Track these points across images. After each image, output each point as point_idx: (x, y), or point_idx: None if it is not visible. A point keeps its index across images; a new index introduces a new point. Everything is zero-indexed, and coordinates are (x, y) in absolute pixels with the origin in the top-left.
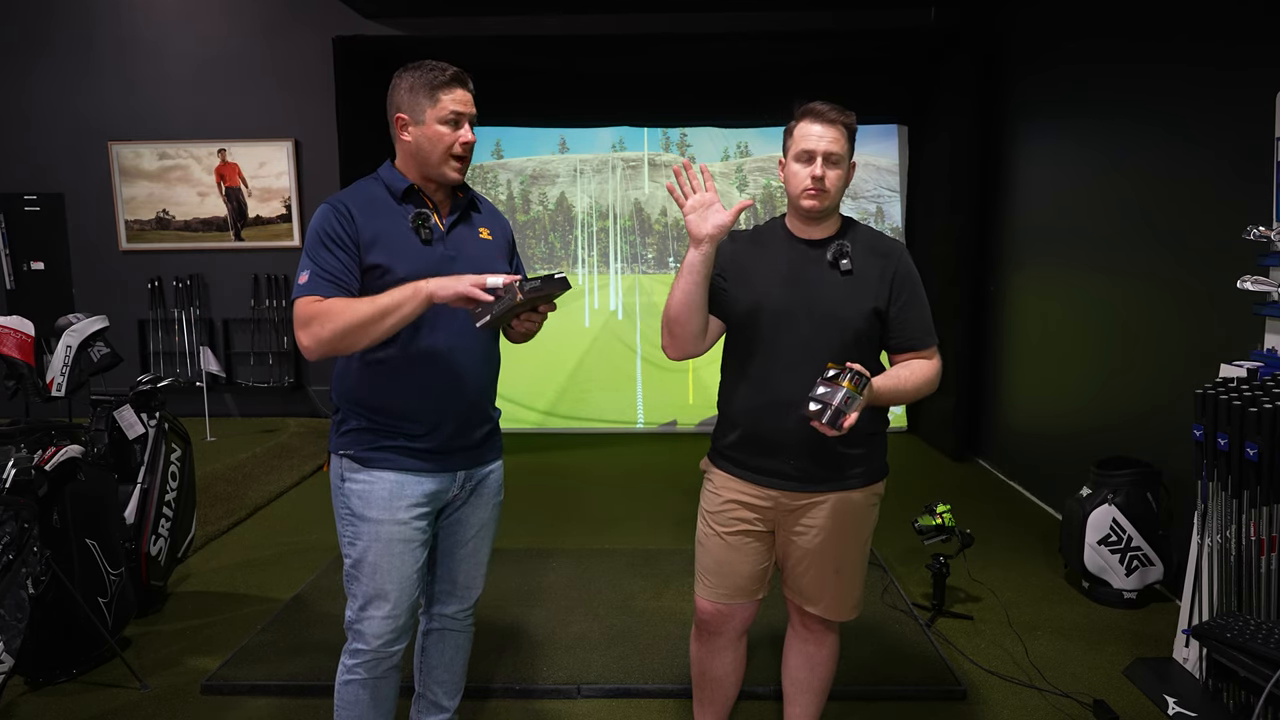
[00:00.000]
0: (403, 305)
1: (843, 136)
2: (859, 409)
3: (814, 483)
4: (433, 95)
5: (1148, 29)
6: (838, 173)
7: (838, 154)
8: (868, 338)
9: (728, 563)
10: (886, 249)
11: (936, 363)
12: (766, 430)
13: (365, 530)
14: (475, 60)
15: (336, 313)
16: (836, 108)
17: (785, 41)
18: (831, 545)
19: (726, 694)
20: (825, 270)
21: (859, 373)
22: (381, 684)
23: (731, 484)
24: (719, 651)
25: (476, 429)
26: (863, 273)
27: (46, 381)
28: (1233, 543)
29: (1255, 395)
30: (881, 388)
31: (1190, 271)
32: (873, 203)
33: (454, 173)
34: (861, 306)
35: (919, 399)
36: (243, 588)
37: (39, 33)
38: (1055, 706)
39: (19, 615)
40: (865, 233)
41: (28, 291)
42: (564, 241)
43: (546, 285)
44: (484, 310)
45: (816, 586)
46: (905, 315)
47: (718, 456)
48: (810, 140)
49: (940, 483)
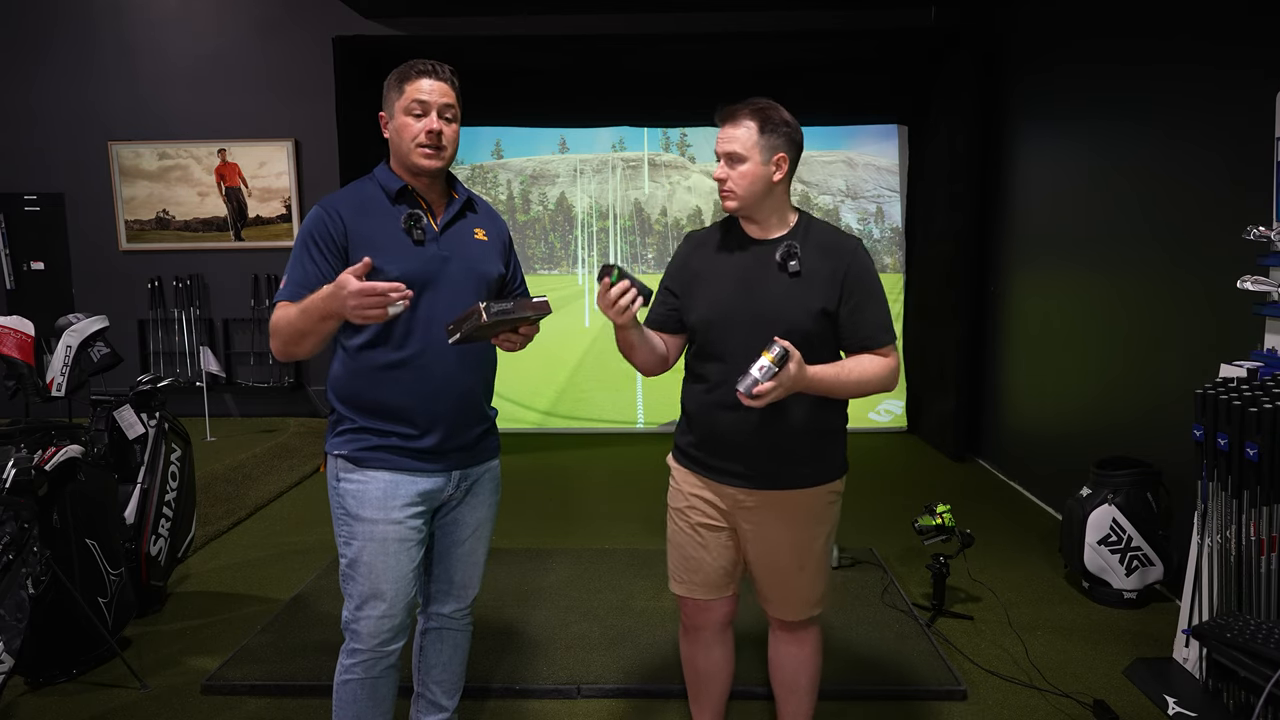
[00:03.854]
0: (309, 309)
1: (751, 132)
2: (776, 381)
3: (767, 481)
4: (400, 87)
5: (1148, 29)
6: (742, 170)
7: (738, 152)
8: (819, 339)
9: (695, 559)
10: (839, 248)
11: (890, 361)
12: (719, 430)
13: (360, 530)
14: (475, 60)
15: (280, 325)
16: (749, 103)
17: (785, 41)
18: (786, 543)
19: (718, 689)
20: (773, 272)
21: (784, 348)
22: (379, 683)
23: (692, 481)
24: (706, 646)
25: (472, 428)
26: (812, 273)
27: (46, 381)
28: (1233, 543)
29: (1255, 395)
30: (818, 374)
31: (1190, 271)
32: (873, 203)
33: (423, 159)
34: (809, 308)
35: (870, 394)
36: (243, 588)
37: (39, 32)
38: (1055, 706)
39: (19, 615)
40: (820, 230)
41: (28, 291)
42: (564, 241)
43: (520, 308)
44: (454, 328)
45: (773, 585)
46: (857, 316)
47: (679, 454)
48: (718, 143)
49: (940, 483)
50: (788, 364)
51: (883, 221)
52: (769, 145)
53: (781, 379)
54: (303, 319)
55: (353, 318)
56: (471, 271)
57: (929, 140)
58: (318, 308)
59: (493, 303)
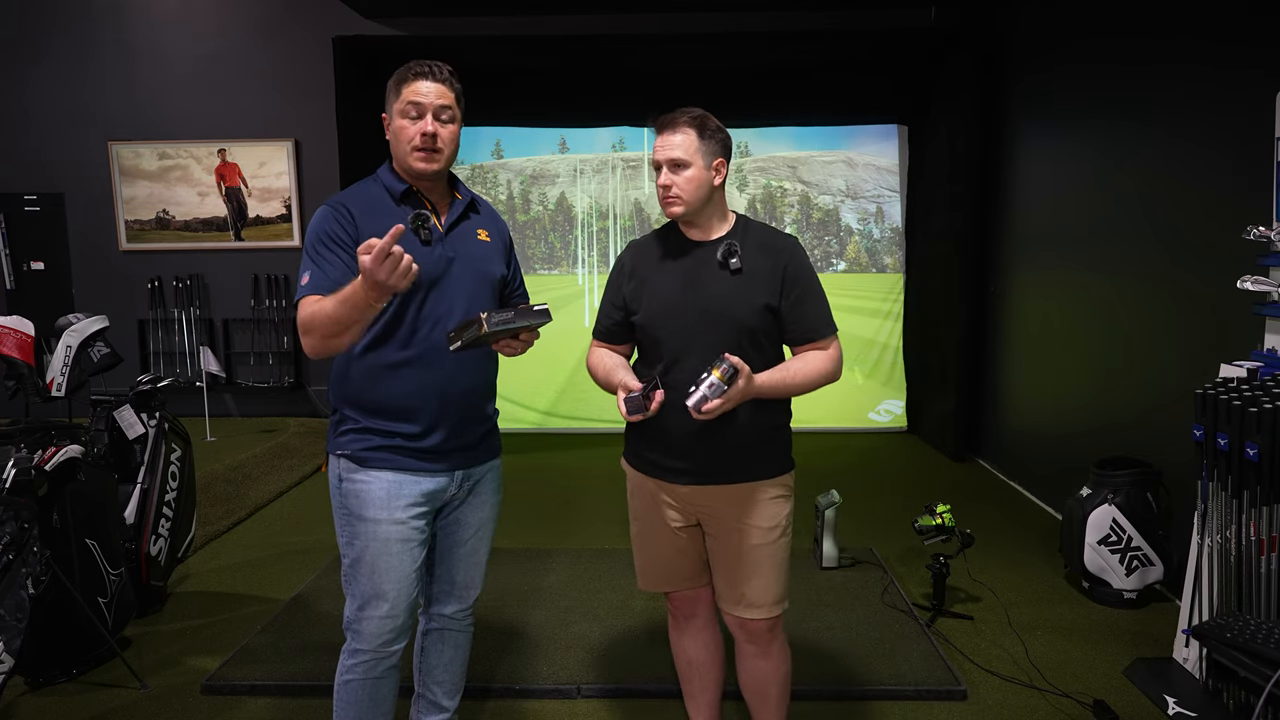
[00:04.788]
0: (351, 299)
1: (690, 137)
2: (724, 398)
3: (709, 477)
4: (398, 90)
5: (1148, 29)
6: (686, 175)
7: (682, 159)
8: (763, 334)
9: (659, 557)
10: (778, 246)
11: (833, 352)
12: (667, 430)
13: (363, 530)
14: (475, 60)
15: (317, 319)
16: (685, 111)
17: (785, 41)
18: (734, 538)
19: (713, 680)
20: (715, 270)
21: (732, 364)
22: (380, 684)
23: (644, 480)
24: (693, 635)
25: (474, 428)
26: (753, 270)
27: (46, 381)
28: (1233, 543)
29: (1255, 395)
30: (766, 382)
31: (1190, 271)
32: (873, 203)
33: (419, 162)
34: (753, 303)
35: (819, 387)
36: (243, 588)
37: (39, 32)
38: (1055, 706)
39: (19, 615)
40: (758, 230)
41: (28, 291)
42: (564, 241)
43: (520, 317)
44: (455, 336)
45: (735, 583)
46: (799, 309)
47: (632, 456)
48: (656, 151)
49: (940, 483)
50: (736, 380)
51: (883, 221)
52: (709, 150)
53: (730, 394)
54: (345, 309)
55: (399, 286)
56: (476, 272)
57: (929, 140)
58: (360, 296)
59: (493, 313)
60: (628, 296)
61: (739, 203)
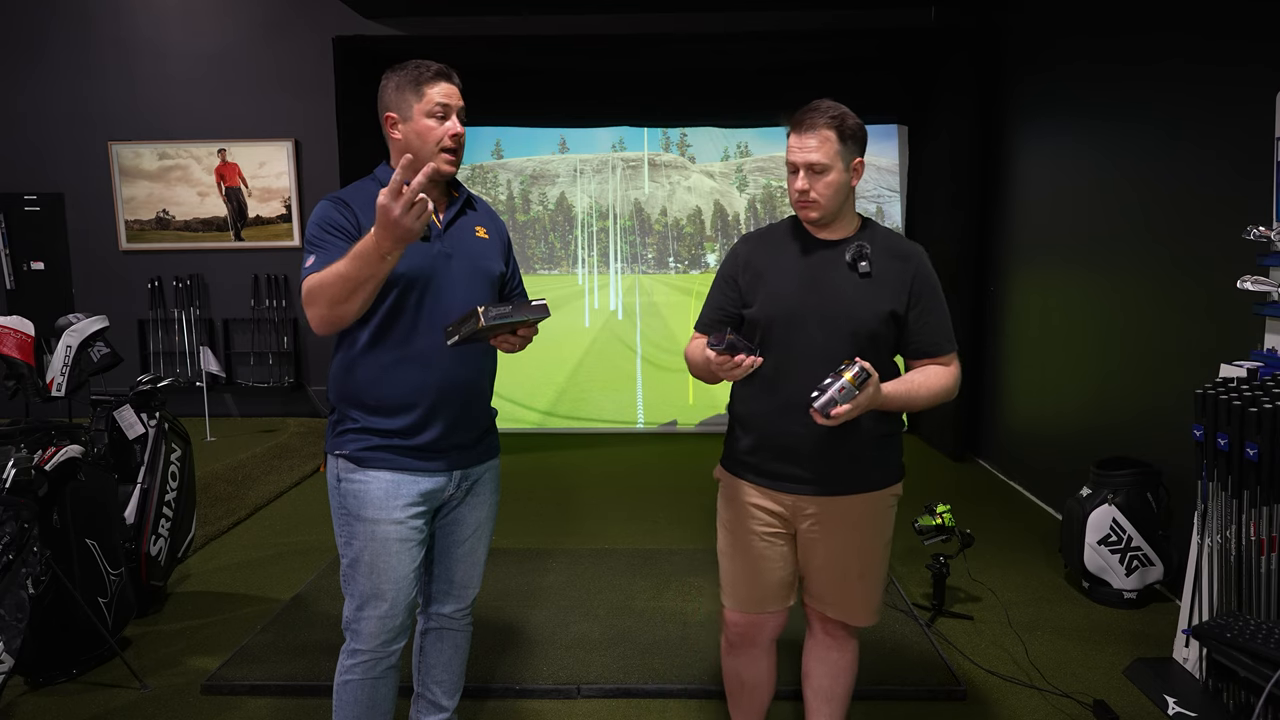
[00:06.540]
0: (363, 253)
1: (830, 141)
2: (853, 404)
3: (829, 486)
4: (419, 90)
5: (1148, 28)
6: (825, 180)
7: (821, 162)
8: (884, 341)
9: (754, 572)
10: (906, 252)
11: (954, 370)
12: (780, 434)
13: (361, 530)
14: (475, 60)
15: (325, 283)
16: (823, 111)
17: (785, 41)
18: (851, 548)
19: (762, 699)
20: (843, 271)
21: (864, 369)
22: (380, 684)
23: (748, 491)
24: (755, 661)
25: (472, 428)
26: (881, 275)
27: (46, 381)
28: (1233, 543)
29: (1255, 395)
30: (891, 392)
31: (1190, 272)
32: (873, 203)
33: (446, 165)
34: (878, 309)
35: (934, 406)
36: (243, 588)
37: (39, 32)
38: (1055, 706)
39: (19, 615)
40: (884, 234)
41: (28, 291)
42: (564, 241)
43: (518, 311)
44: (453, 330)
45: (837, 591)
46: (924, 320)
47: (732, 463)
48: (792, 152)
49: (940, 483)
50: (867, 385)
51: (883, 221)
52: (848, 152)
53: (859, 401)
54: (357, 265)
55: (415, 230)
56: (474, 269)
57: (929, 140)
58: (373, 248)
59: (491, 307)
60: (744, 288)
61: (739, 203)
